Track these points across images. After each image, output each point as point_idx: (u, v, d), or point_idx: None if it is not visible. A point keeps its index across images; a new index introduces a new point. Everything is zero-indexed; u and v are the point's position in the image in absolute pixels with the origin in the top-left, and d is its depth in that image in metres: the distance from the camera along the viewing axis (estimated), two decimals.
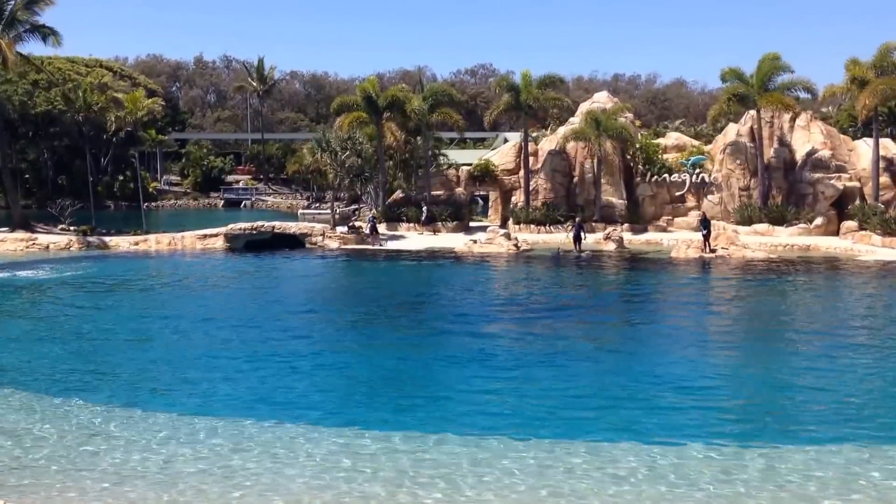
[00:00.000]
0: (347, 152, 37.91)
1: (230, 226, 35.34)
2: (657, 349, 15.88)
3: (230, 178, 76.90)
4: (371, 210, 41.24)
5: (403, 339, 16.88)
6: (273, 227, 35.55)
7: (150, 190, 67.19)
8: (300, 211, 57.08)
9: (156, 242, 35.33)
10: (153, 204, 65.32)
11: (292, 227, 36.63)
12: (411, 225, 39.95)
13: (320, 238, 35.19)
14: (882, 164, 35.87)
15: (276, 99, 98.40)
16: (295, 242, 34.92)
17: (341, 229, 37.07)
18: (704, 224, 31.40)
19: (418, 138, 43.23)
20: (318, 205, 59.11)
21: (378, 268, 30.21)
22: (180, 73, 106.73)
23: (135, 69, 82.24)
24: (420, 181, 42.94)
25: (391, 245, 35.16)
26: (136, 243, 35.15)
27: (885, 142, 38.11)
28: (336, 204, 43.96)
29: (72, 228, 38.24)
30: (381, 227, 38.21)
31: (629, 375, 13.74)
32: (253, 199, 71.11)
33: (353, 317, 19.72)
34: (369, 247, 34.87)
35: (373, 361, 14.99)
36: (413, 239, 37.17)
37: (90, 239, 35.37)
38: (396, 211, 40.89)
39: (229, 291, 24.36)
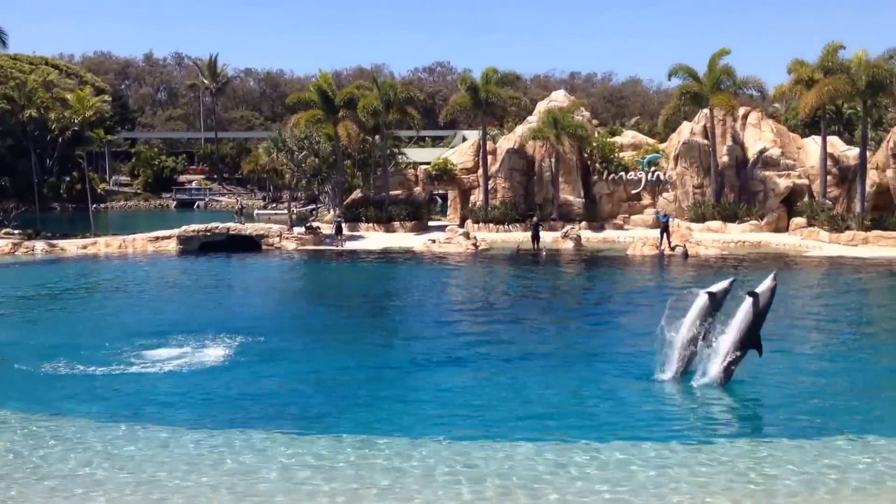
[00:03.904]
0: (304, 152, 37.37)
1: (183, 227, 34.49)
2: (618, 347, 15.91)
3: (182, 178, 75.35)
4: (334, 211, 40.52)
5: (370, 343, 16.65)
6: (228, 229, 34.81)
7: (99, 191, 65.36)
8: (256, 211, 56.14)
9: (105, 245, 34.29)
10: (102, 205, 63.60)
11: (248, 228, 35.95)
12: (370, 225, 39.64)
13: (277, 239, 34.60)
14: (829, 162, 36.84)
15: (230, 97, 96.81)
16: (251, 244, 34.26)
17: (298, 230, 36.54)
18: (663, 221, 31.67)
19: (376, 137, 42.85)
20: (274, 205, 58.31)
21: (337, 269, 29.85)
22: (130, 71, 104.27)
23: (81, 66, 79.82)
24: (378, 181, 42.57)
25: (350, 245, 34.77)
26: (85, 246, 34.05)
27: (833, 140, 39.11)
28: (293, 204, 43.37)
29: (16, 232, 36.86)
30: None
31: (590, 374, 13.77)
32: (206, 199, 69.80)
33: (317, 320, 19.39)
34: (327, 247, 34.42)
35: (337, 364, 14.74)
36: (372, 239, 36.86)
37: (36, 243, 34.18)
38: (355, 211, 40.50)
39: (180, 296, 23.70)
